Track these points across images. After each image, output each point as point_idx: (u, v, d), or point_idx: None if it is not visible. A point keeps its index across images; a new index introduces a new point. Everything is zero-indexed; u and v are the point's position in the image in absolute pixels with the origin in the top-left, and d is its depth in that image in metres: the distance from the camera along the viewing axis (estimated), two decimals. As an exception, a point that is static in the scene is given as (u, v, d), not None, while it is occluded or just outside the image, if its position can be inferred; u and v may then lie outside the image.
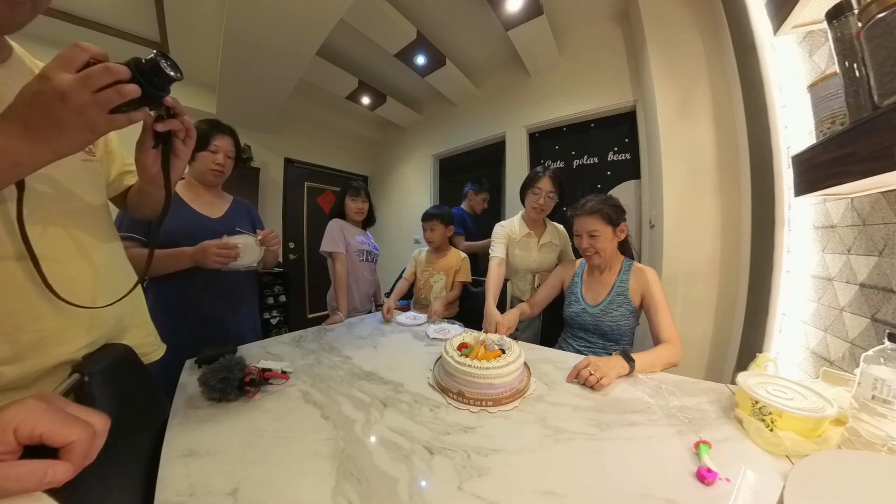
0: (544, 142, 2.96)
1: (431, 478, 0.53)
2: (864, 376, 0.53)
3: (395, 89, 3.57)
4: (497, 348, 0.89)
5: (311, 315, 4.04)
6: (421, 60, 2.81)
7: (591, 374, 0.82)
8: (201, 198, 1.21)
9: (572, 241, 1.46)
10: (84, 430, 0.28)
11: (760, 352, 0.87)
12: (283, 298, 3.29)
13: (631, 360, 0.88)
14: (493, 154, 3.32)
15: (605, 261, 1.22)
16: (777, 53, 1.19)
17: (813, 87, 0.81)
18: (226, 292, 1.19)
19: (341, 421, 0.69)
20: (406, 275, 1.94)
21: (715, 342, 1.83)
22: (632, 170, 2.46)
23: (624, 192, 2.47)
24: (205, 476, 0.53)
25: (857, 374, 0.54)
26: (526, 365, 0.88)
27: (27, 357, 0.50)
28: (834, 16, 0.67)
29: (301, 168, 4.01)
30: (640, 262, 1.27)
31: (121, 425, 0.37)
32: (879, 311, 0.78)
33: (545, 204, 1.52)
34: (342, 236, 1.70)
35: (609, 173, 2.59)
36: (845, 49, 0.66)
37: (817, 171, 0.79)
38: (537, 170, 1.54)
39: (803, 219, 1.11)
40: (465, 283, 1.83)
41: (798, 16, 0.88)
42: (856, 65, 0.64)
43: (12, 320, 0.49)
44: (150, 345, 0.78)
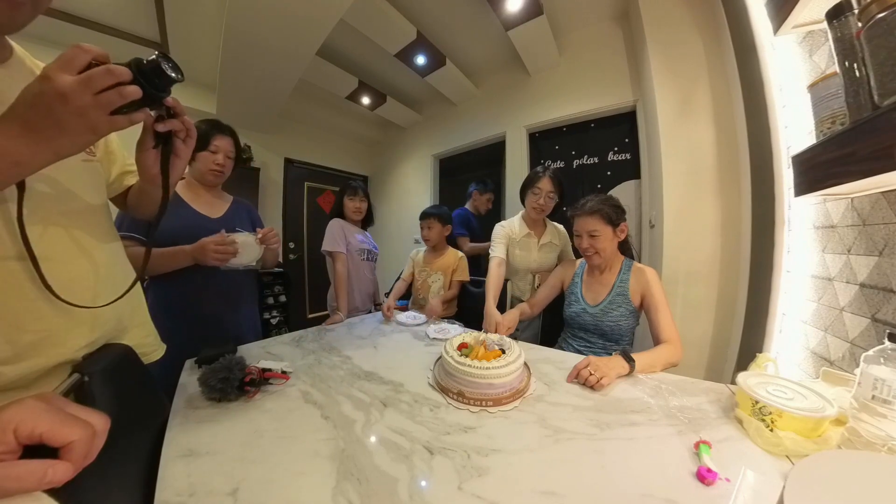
0: (544, 142, 2.96)
1: (431, 478, 0.53)
2: (864, 376, 0.53)
3: (395, 89, 3.57)
4: (497, 348, 0.89)
5: (311, 315, 4.04)
6: (421, 60, 2.81)
7: (591, 374, 0.82)
8: (201, 198, 1.21)
9: (572, 241, 1.46)
10: (84, 430, 0.28)
11: (760, 352, 0.87)
12: (283, 298, 3.29)
13: (631, 360, 0.88)
14: (493, 154, 3.32)
15: (605, 261, 1.22)
16: (777, 53, 1.19)
17: (813, 87, 0.81)
18: (226, 292, 1.19)
19: (341, 421, 0.69)
20: (404, 275, 1.94)
21: (715, 342, 1.83)
22: (632, 170, 2.46)
23: (624, 192, 2.46)
24: (205, 476, 0.53)
25: (857, 374, 0.54)
26: (526, 365, 0.88)
27: (27, 357, 0.50)
28: (834, 16, 0.67)
29: (301, 168, 4.01)
30: (640, 262, 1.26)
31: (121, 425, 0.37)
32: (879, 311, 0.78)
33: (545, 204, 1.52)
34: (343, 236, 1.70)
35: (609, 173, 2.59)
36: (845, 49, 0.66)
37: (817, 171, 0.79)
38: (537, 170, 1.54)
39: (803, 219, 1.11)
40: (465, 284, 1.83)
41: (798, 16, 0.88)
42: (856, 65, 0.64)
43: (12, 320, 0.49)
44: (150, 345, 0.78)
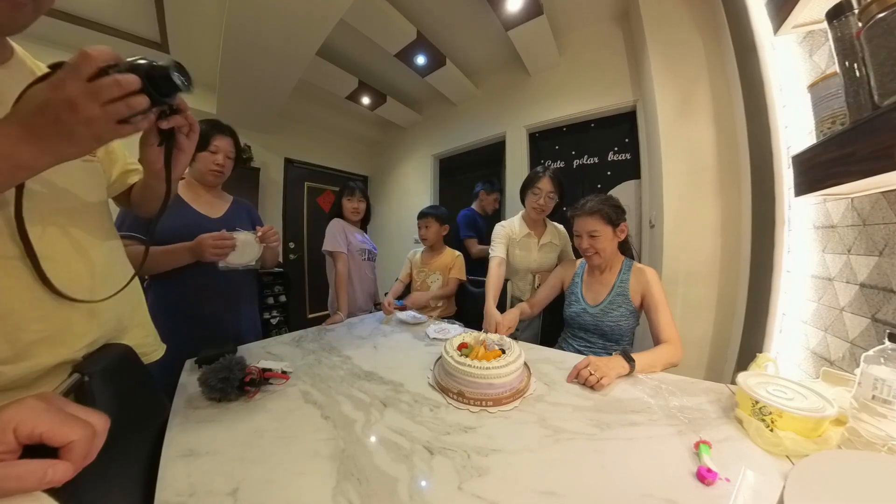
0: (544, 142, 2.96)
1: (431, 478, 0.53)
2: (865, 376, 0.53)
3: (395, 89, 3.57)
4: (497, 348, 0.89)
5: (311, 315, 4.04)
6: (421, 60, 2.81)
7: (591, 374, 0.82)
8: (201, 198, 1.21)
9: (572, 242, 1.46)
10: (84, 430, 0.28)
11: (760, 352, 0.87)
12: (283, 298, 3.29)
13: (631, 360, 0.88)
14: (493, 154, 3.32)
15: (606, 261, 1.22)
16: (777, 53, 1.19)
17: (813, 87, 0.81)
18: (226, 292, 1.19)
19: (341, 421, 0.69)
20: (401, 276, 1.94)
21: (715, 342, 1.83)
22: (632, 170, 2.46)
23: (624, 192, 2.47)
24: (205, 476, 0.53)
25: (858, 374, 0.54)
26: (526, 365, 0.88)
27: (27, 357, 0.50)
28: (834, 16, 0.67)
29: (301, 168, 4.01)
30: (640, 262, 1.26)
31: (121, 425, 0.37)
32: (880, 311, 0.78)
33: (545, 204, 1.52)
34: (344, 236, 1.70)
35: (609, 173, 2.59)
36: (845, 49, 0.66)
37: (817, 171, 0.79)
38: (537, 170, 1.54)
39: (803, 219, 1.11)
40: (465, 284, 1.83)
41: (798, 16, 0.88)
42: (856, 65, 0.64)
43: (13, 320, 0.49)
44: (150, 345, 0.78)
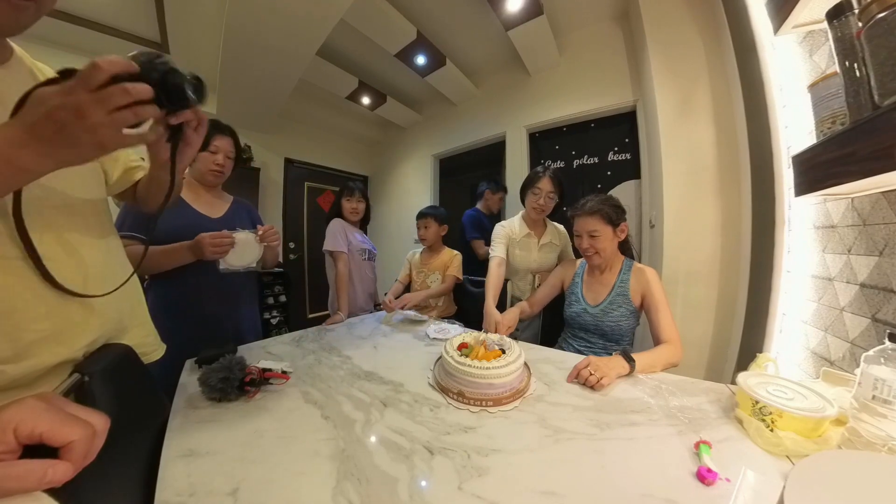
0: (544, 142, 2.96)
1: (431, 478, 0.53)
2: (865, 376, 0.53)
3: (395, 89, 3.57)
4: (497, 348, 0.89)
5: (311, 315, 4.04)
6: (421, 60, 2.81)
7: (591, 374, 0.82)
8: (202, 198, 1.21)
9: (572, 242, 1.46)
10: (84, 430, 0.28)
11: (761, 352, 0.87)
12: (283, 298, 3.30)
13: (631, 360, 0.88)
14: (493, 154, 3.32)
15: (606, 261, 1.21)
16: (777, 53, 1.18)
17: (813, 87, 0.81)
18: (226, 292, 1.19)
19: (341, 421, 0.69)
20: (400, 277, 1.94)
21: (715, 342, 1.83)
22: (632, 170, 2.46)
23: (624, 192, 2.47)
24: (205, 476, 0.53)
25: (858, 374, 0.54)
26: (526, 365, 0.88)
27: (28, 356, 0.50)
28: (834, 16, 0.67)
29: (301, 168, 4.01)
30: (640, 262, 1.26)
31: (121, 425, 0.37)
32: (880, 311, 0.78)
33: (545, 204, 1.52)
34: (344, 235, 1.70)
35: (609, 173, 2.59)
36: (846, 49, 0.66)
37: (817, 170, 0.79)
38: (537, 170, 1.54)
39: (803, 219, 1.11)
40: (465, 284, 1.83)
41: (798, 15, 0.88)
42: (856, 64, 0.64)
43: (14, 319, 0.49)
44: (150, 344, 0.78)
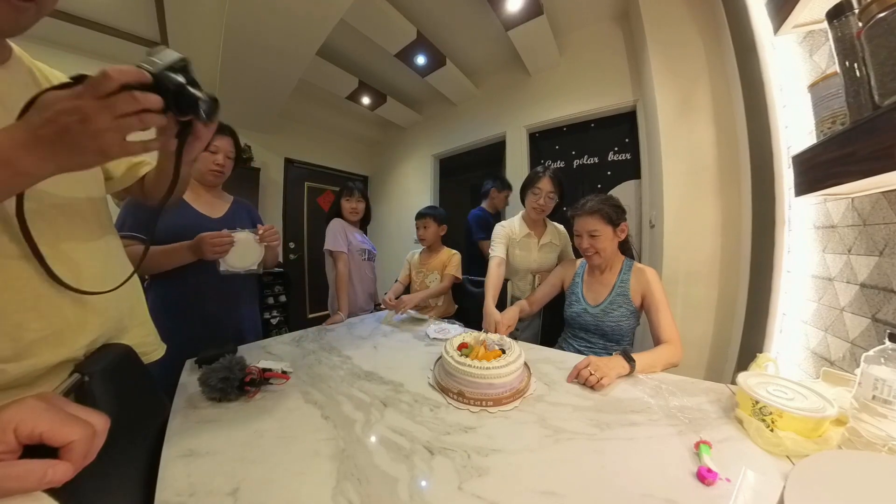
0: (544, 142, 2.96)
1: (431, 478, 0.53)
2: (865, 376, 0.53)
3: (395, 89, 3.57)
4: (497, 348, 0.89)
5: (311, 315, 4.04)
6: (421, 60, 2.81)
7: (591, 374, 0.82)
8: (202, 198, 1.21)
9: (572, 242, 1.46)
10: (84, 430, 0.28)
11: (761, 352, 0.87)
12: (283, 298, 3.30)
13: (631, 360, 0.87)
14: (493, 154, 3.32)
15: (606, 261, 1.21)
16: (777, 53, 1.18)
17: (813, 87, 0.81)
18: (226, 292, 1.18)
19: (341, 421, 0.69)
20: (401, 278, 1.94)
21: (715, 342, 1.83)
22: (632, 170, 2.46)
23: (624, 192, 2.47)
24: (205, 476, 0.53)
25: (858, 374, 0.54)
26: (526, 365, 0.88)
27: (29, 355, 0.50)
28: (834, 15, 0.67)
29: (301, 168, 4.01)
30: (640, 262, 1.26)
31: (121, 425, 0.37)
32: (880, 311, 0.78)
33: (545, 204, 1.52)
34: (344, 235, 1.70)
35: (609, 173, 2.59)
36: (846, 49, 0.66)
37: (817, 170, 0.79)
38: (537, 170, 1.54)
39: (804, 219, 1.11)
40: (465, 284, 1.83)
41: (798, 15, 0.88)
42: (856, 64, 0.64)
43: (15, 318, 0.49)
44: (150, 344, 0.78)
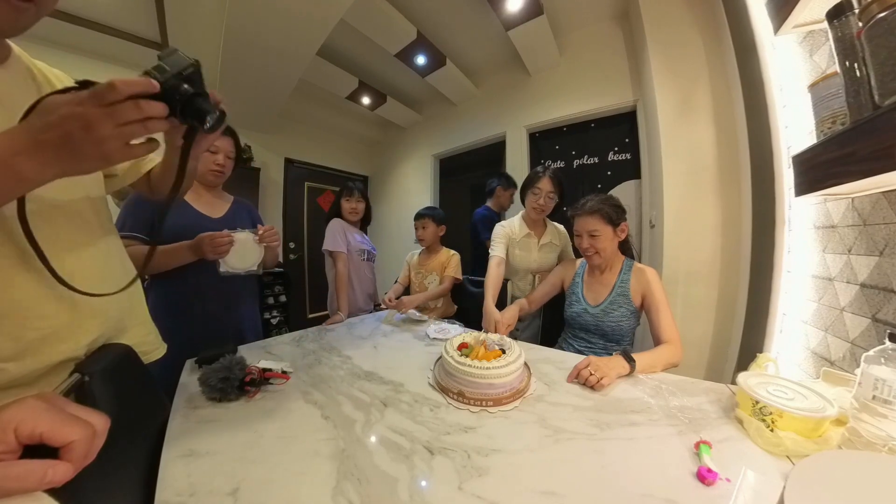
0: (544, 142, 2.96)
1: (431, 478, 0.53)
2: (865, 376, 0.53)
3: (395, 89, 3.57)
4: (497, 348, 0.89)
5: (311, 315, 4.04)
6: (421, 60, 2.81)
7: (591, 374, 0.82)
8: (202, 198, 1.21)
9: (573, 241, 1.46)
10: (84, 430, 0.28)
11: (761, 352, 0.87)
12: (283, 298, 3.30)
13: (631, 361, 0.87)
14: (494, 154, 3.32)
15: (606, 261, 1.21)
16: (777, 53, 1.18)
17: (813, 87, 0.81)
18: (226, 292, 1.18)
19: (341, 421, 0.69)
20: (400, 279, 1.94)
21: (715, 342, 1.83)
22: (632, 170, 2.46)
23: (624, 192, 2.47)
24: (205, 476, 0.53)
25: (858, 374, 0.54)
26: (526, 365, 0.88)
27: (31, 354, 0.50)
28: (834, 15, 0.67)
29: (301, 168, 4.01)
30: (640, 262, 1.26)
31: (121, 425, 0.37)
32: (880, 311, 0.78)
33: (545, 204, 1.52)
34: (344, 235, 1.70)
35: (609, 173, 2.59)
36: (846, 49, 0.66)
37: (818, 170, 0.79)
38: (537, 170, 1.54)
39: (804, 219, 1.11)
40: (465, 283, 1.83)
41: (798, 15, 0.88)
42: (856, 64, 0.64)
43: (16, 318, 0.49)
44: (150, 343, 0.78)
